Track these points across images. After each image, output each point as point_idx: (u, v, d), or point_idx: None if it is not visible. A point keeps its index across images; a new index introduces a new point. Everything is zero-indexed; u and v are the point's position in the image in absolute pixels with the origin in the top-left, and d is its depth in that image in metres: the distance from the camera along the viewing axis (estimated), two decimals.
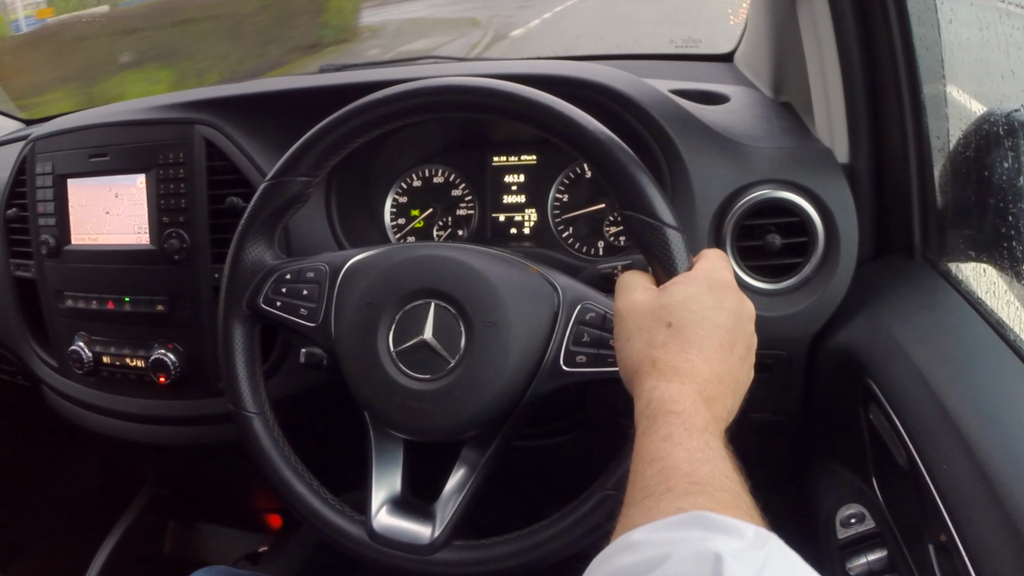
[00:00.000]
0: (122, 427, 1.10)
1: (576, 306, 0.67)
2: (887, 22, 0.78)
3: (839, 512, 0.79)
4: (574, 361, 0.66)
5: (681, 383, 0.52)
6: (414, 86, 0.69)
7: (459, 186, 1.04)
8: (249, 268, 0.74)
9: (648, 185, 0.62)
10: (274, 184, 0.73)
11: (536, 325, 0.67)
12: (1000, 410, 0.61)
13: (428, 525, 0.70)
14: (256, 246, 0.74)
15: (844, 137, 0.85)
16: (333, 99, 0.74)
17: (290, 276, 0.73)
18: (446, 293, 0.67)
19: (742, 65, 1.22)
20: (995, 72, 0.73)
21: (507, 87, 0.66)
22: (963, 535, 0.54)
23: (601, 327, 0.66)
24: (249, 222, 0.74)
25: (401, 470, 0.73)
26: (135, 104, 1.10)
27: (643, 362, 0.55)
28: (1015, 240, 0.72)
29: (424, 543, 0.69)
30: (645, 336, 0.56)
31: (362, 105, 0.70)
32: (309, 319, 0.72)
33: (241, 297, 0.74)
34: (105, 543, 1.42)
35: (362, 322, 0.69)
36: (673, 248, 0.61)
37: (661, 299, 0.57)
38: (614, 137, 0.63)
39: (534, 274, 0.70)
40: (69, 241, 1.07)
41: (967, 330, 0.71)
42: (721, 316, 0.56)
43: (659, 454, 0.48)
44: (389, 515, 0.71)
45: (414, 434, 0.71)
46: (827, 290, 0.81)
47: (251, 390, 0.75)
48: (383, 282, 0.70)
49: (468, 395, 0.66)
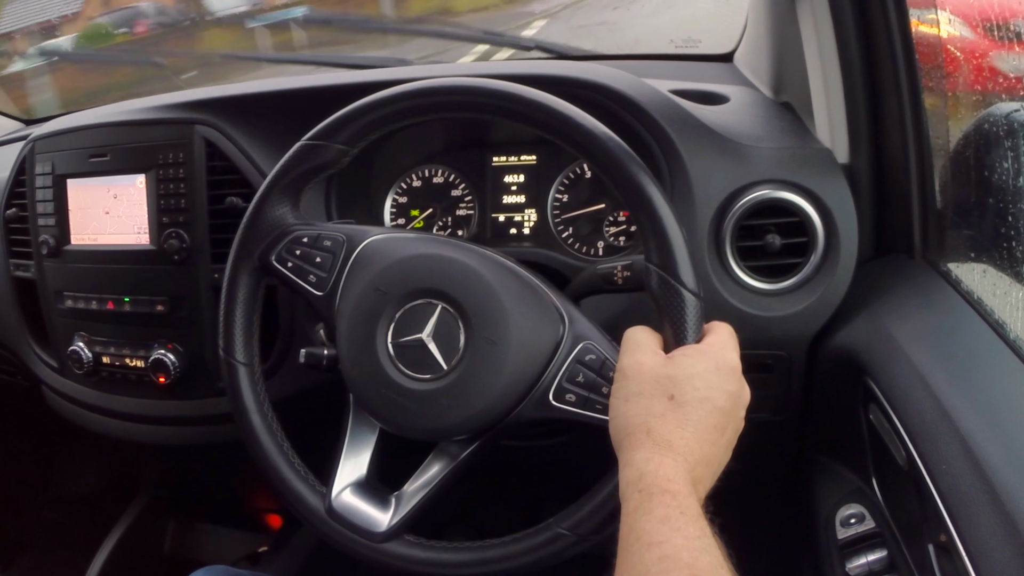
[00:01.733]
0: (122, 427, 1.10)
1: (579, 343, 0.66)
2: (887, 22, 0.78)
3: (839, 512, 0.79)
4: (563, 397, 0.66)
5: (674, 460, 0.52)
6: (470, 83, 0.68)
7: (459, 186, 1.04)
8: (269, 223, 0.73)
9: (678, 243, 0.62)
10: (311, 146, 0.72)
11: (535, 352, 0.66)
12: (1000, 410, 0.61)
13: (386, 513, 0.71)
14: (280, 204, 0.74)
15: (844, 137, 0.85)
16: (333, 98, 0.74)
17: (307, 240, 0.73)
18: (455, 300, 0.67)
19: (742, 65, 1.22)
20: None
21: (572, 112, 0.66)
22: (963, 535, 0.54)
23: (598, 371, 0.65)
24: (277, 178, 0.73)
25: (371, 454, 0.73)
26: (135, 104, 1.10)
27: (638, 428, 0.55)
28: (1015, 240, 0.72)
29: (378, 530, 0.70)
30: (644, 402, 0.56)
31: (414, 90, 0.69)
32: (317, 287, 0.72)
33: (254, 249, 0.74)
34: (105, 543, 1.42)
35: (367, 306, 0.69)
36: (689, 315, 0.61)
37: (668, 368, 0.57)
38: (657, 186, 0.63)
39: (547, 300, 0.69)
40: (69, 241, 1.07)
41: (967, 330, 0.71)
42: (721, 399, 0.57)
43: (657, 538, 0.48)
44: (350, 495, 0.72)
45: (391, 427, 0.71)
46: (827, 290, 0.81)
47: (244, 340, 0.75)
48: (396, 272, 0.69)
49: (452, 404, 0.66)
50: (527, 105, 0.67)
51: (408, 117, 0.71)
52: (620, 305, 0.85)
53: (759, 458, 0.95)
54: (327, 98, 0.78)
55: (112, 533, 1.43)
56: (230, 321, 0.74)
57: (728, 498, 0.62)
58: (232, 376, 0.74)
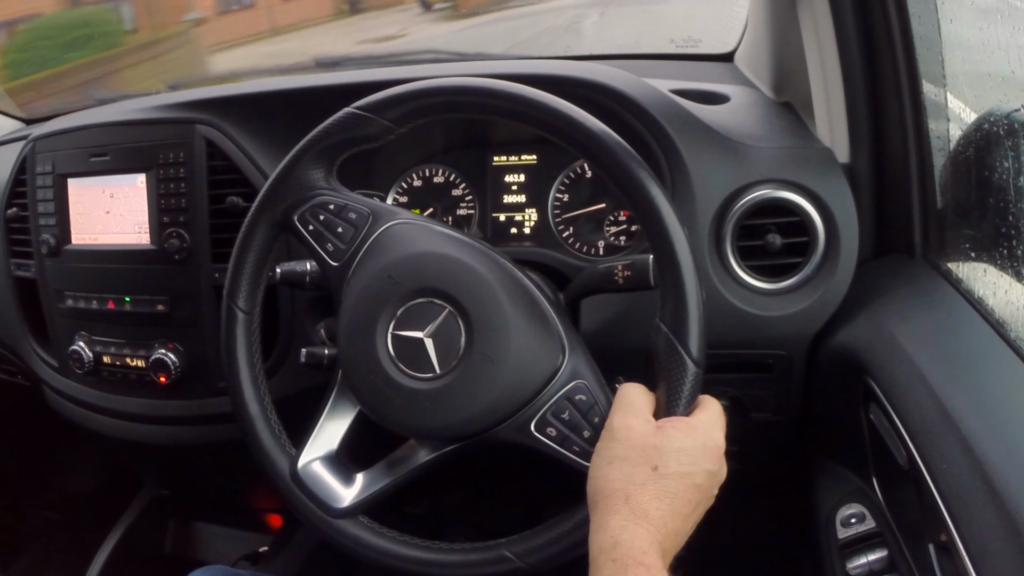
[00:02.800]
0: (122, 427, 1.10)
1: (572, 381, 0.66)
2: (887, 22, 0.78)
3: (839, 512, 0.79)
4: (544, 430, 0.65)
5: (648, 532, 0.53)
6: (528, 92, 0.67)
7: (459, 186, 1.04)
8: (298, 183, 0.73)
9: (694, 312, 0.61)
10: (359, 116, 0.71)
11: (529, 379, 0.66)
12: (1000, 410, 0.61)
13: (349, 489, 0.71)
14: (314, 167, 0.73)
15: (844, 137, 0.85)
16: (334, 98, 0.74)
17: (333, 207, 0.72)
18: (464, 308, 0.66)
19: (742, 65, 1.22)
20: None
21: (596, 125, 0.65)
22: (963, 535, 0.54)
23: (584, 414, 0.65)
24: (316, 140, 0.72)
25: (346, 431, 0.74)
26: (135, 104, 1.10)
27: (616, 493, 0.55)
28: (1015, 240, 0.72)
29: (337, 506, 0.70)
30: (628, 469, 0.57)
31: (472, 86, 0.69)
32: (333, 257, 0.71)
33: (279, 204, 0.73)
34: (105, 543, 1.42)
35: (376, 291, 0.68)
36: (687, 386, 0.61)
37: (656, 438, 0.58)
38: (687, 243, 0.62)
39: (554, 328, 0.68)
40: (69, 241, 1.07)
41: (967, 330, 0.71)
42: (701, 476, 0.57)
43: None
44: (318, 465, 0.72)
45: (371, 413, 0.71)
46: (827, 290, 0.82)
47: (249, 288, 0.74)
48: (413, 264, 0.69)
49: (435, 408, 0.66)
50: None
51: (457, 111, 0.70)
52: (620, 305, 0.85)
53: (759, 458, 0.96)
54: (327, 98, 0.78)
55: (112, 533, 1.43)
56: (239, 267, 0.74)
57: (729, 498, 0.62)
58: (229, 322, 0.74)
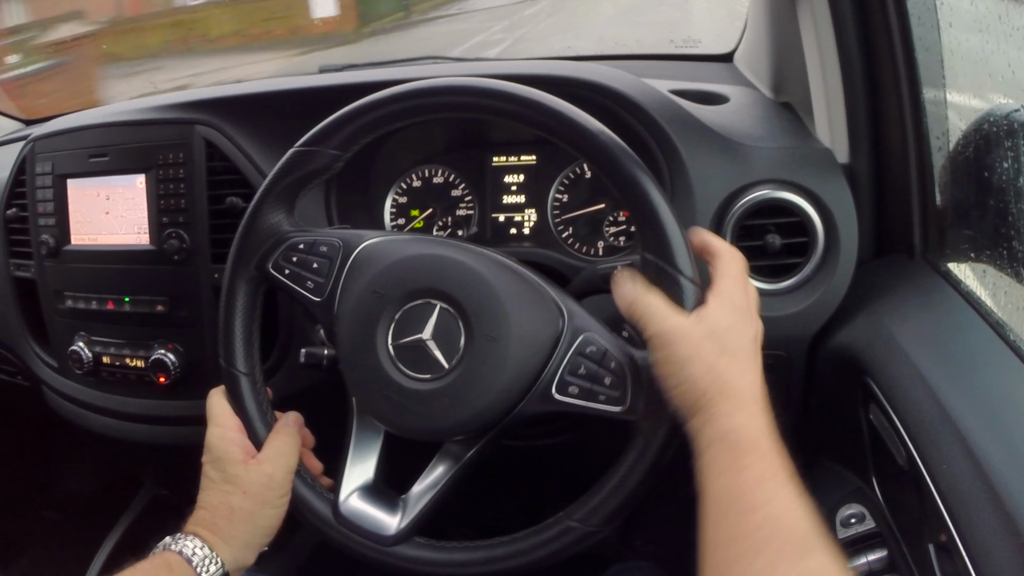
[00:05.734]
0: (122, 427, 1.10)
1: (579, 336, 0.66)
2: (887, 22, 0.78)
3: (839, 512, 0.79)
4: (566, 390, 0.66)
5: (753, 414, 0.55)
6: (463, 82, 0.68)
7: (459, 186, 1.04)
8: (264, 231, 0.73)
9: (673, 230, 0.62)
10: (304, 152, 0.72)
11: (536, 347, 0.66)
12: (1000, 410, 0.61)
13: (395, 516, 0.71)
14: (275, 211, 0.73)
15: (844, 137, 0.85)
16: (333, 99, 0.74)
17: (303, 246, 0.73)
18: (454, 299, 0.67)
19: (742, 65, 1.22)
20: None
21: (574, 113, 0.65)
22: (963, 535, 0.54)
23: (599, 362, 0.65)
24: (272, 185, 0.73)
25: (377, 458, 0.73)
26: (135, 104, 1.10)
27: (710, 386, 0.56)
28: (1015, 240, 0.72)
29: (387, 534, 0.70)
30: (705, 362, 0.57)
31: (405, 91, 0.69)
32: (315, 293, 0.72)
33: (251, 258, 0.73)
34: (105, 543, 1.42)
35: (366, 309, 0.69)
36: (686, 300, 0.61)
37: (709, 324, 0.59)
38: (652, 180, 0.63)
39: (545, 295, 0.69)
40: (69, 241, 1.07)
41: (967, 330, 0.71)
42: (752, 341, 0.61)
43: (758, 500, 0.50)
44: (358, 500, 0.72)
45: (395, 428, 0.71)
46: (827, 290, 0.82)
47: (244, 349, 0.74)
48: (393, 273, 0.69)
49: (455, 403, 0.66)
50: (516, 102, 0.66)
51: (400, 119, 0.70)
52: None
53: None
54: (327, 98, 0.78)
55: (112, 533, 1.43)
56: (229, 331, 0.74)
57: None
58: (234, 386, 0.74)
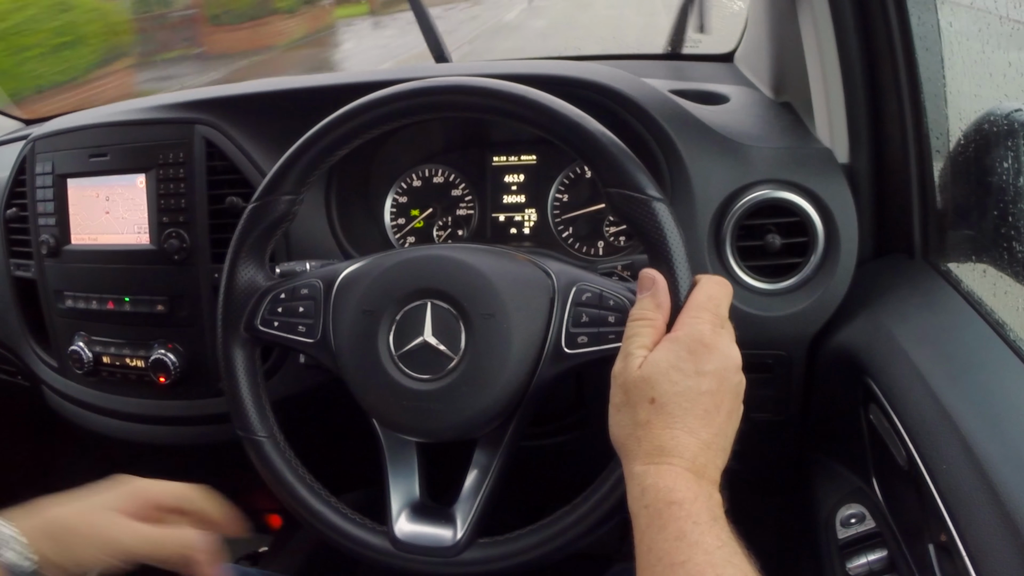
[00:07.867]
0: (122, 427, 1.10)
1: (571, 288, 0.67)
2: (887, 22, 0.78)
3: (839, 512, 0.79)
4: (576, 342, 0.66)
5: (670, 465, 0.52)
6: (381, 95, 0.69)
7: (459, 186, 1.04)
8: (243, 291, 0.74)
9: (628, 160, 0.62)
10: (259, 205, 0.73)
11: (534, 312, 0.67)
12: (1000, 410, 0.61)
13: (450, 527, 0.70)
14: (248, 268, 0.74)
15: (844, 137, 0.85)
16: (333, 99, 0.74)
17: (284, 295, 0.73)
18: (441, 291, 0.67)
19: (742, 65, 1.22)
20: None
21: (471, 82, 0.66)
22: (963, 535, 0.54)
23: (599, 305, 0.66)
24: (239, 245, 0.74)
25: (417, 474, 0.73)
26: (135, 104, 1.10)
27: (628, 439, 0.55)
28: (1015, 240, 0.72)
29: (448, 545, 0.69)
30: (630, 412, 0.55)
31: (334, 120, 0.70)
32: (308, 335, 0.72)
33: (238, 322, 0.74)
34: None
35: (361, 330, 0.69)
36: (662, 221, 0.61)
37: (643, 370, 0.55)
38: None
39: (525, 262, 0.70)
40: (69, 241, 1.07)
41: (967, 330, 0.71)
42: (704, 382, 0.54)
43: (679, 558, 0.48)
44: (409, 521, 0.71)
45: (424, 435, 0.71)
46: (827, 290, 0.82)
47: (258, 414, 0.74)
48: (377, 288, 0.69)
49: (475, 389, 0.66)
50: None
51: (353, 139, 0.71)
52: None
53: (759, 458, 0.95)
54: (327, 98, 0.78)
55: None
56: (238, 399, 0.74)
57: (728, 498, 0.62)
58: (259, 452, 0.74)
